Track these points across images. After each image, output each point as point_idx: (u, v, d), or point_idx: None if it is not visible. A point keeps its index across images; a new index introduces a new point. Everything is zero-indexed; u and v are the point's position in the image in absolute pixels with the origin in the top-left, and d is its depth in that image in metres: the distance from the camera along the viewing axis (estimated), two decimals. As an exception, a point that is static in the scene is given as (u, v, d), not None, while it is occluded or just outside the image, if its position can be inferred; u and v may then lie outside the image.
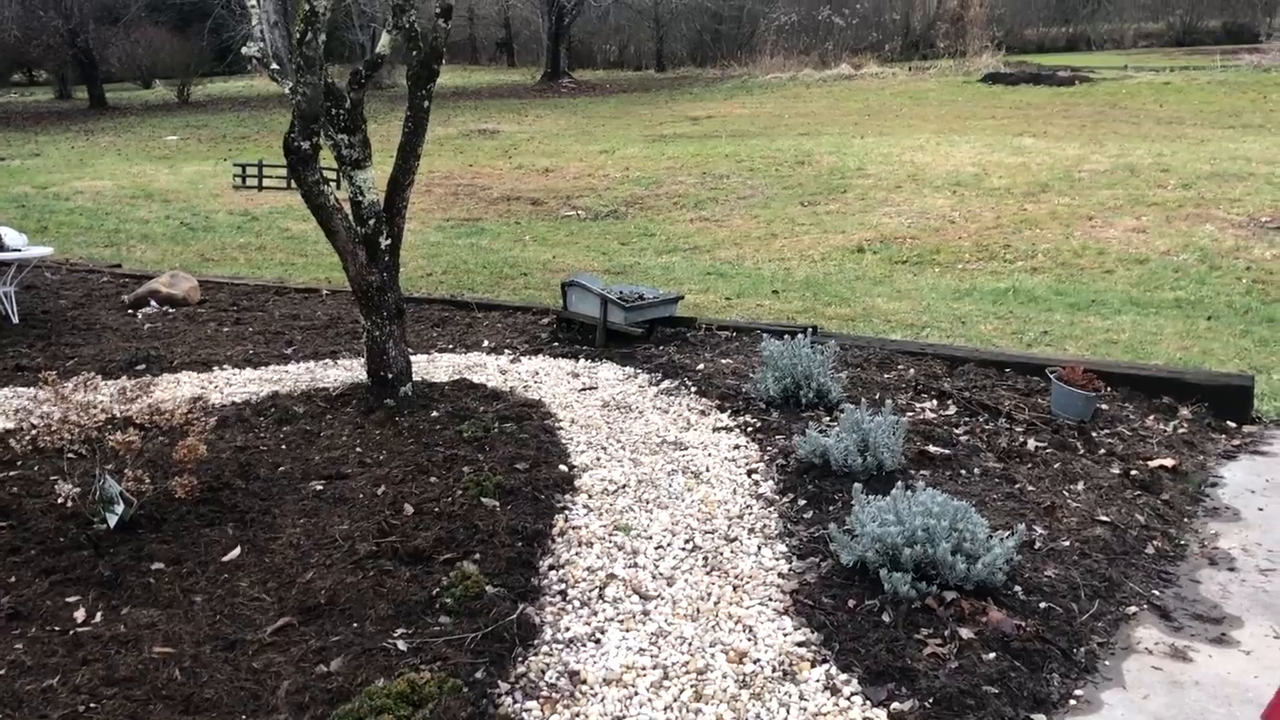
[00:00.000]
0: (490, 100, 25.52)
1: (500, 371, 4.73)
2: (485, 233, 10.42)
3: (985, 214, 10.09)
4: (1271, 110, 16.60)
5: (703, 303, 7.03)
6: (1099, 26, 33.58)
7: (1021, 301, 7.11)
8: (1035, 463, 3.62)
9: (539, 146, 16.83)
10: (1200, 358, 5.58)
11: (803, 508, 3.27)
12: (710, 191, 12.24)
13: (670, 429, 3.95)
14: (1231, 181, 10.78)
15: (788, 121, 18.66)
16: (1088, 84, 21.05)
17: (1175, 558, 3.06)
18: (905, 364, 4.75)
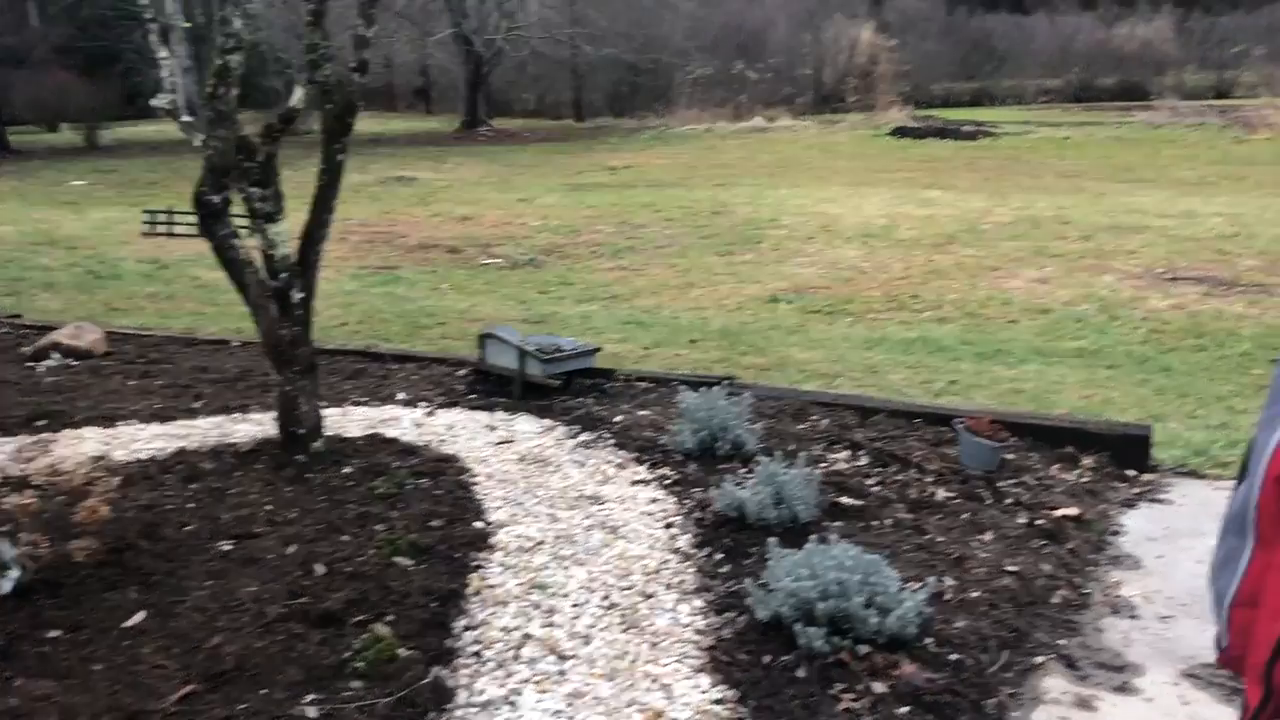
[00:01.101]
0: (408, 147, 25.44)
1: (415, 425, 4.68)
2: (402, 281, 10.35)
3: (895, 265, 10.33)
4: (1164, 166, 17.35)
5: (621, 352, 7.06)
6: (1002, 82, 34.81)
7: (930, 351, 7.28)
8: (945, 513, 3.69)
9: (457, 194, 16.82)
10: (1101, 406, 5.76)
11: (720, 562, 3.28)
12: (628, 240, 12.34)
13: (588, 483, 3.95)
14: (1128, 234, 11.22)
15: (704, 172, 18.95)
16: (991, 138, 21.77)
17: (1080, 606, 3.14)
18: (819, 414, 4.81)
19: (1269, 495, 1.30)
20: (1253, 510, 1.32)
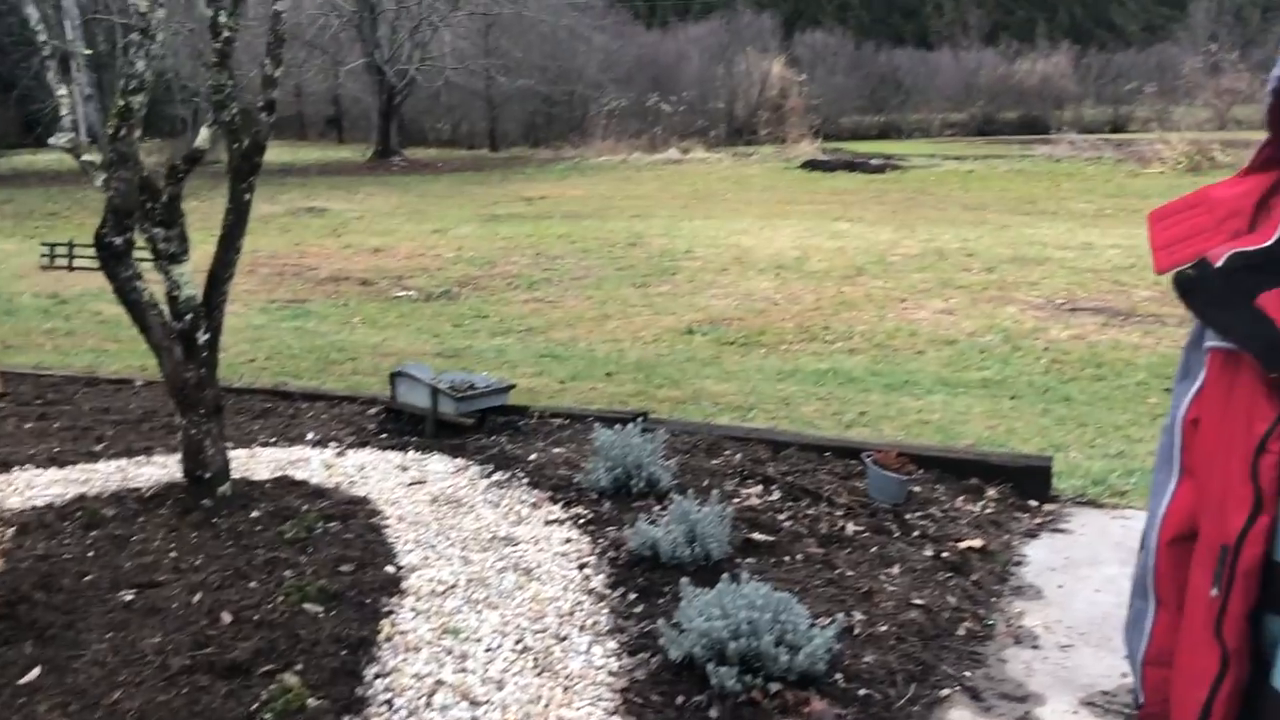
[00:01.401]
0: (319, 178, 25.13)
1: (325, 466, 4.62)
2: (312, 315, 10.21)
3: (806, 296, 10.51)
4: (1063, 198, 17.95)
5: (537, 386, 7.06)
6: (908, 116, 35.74)
7: (841, 382, 7.42)
8: (854, 547, 3.75)
9: (369, 225, 16.66)
10: (1005, 437, 5.93)
11: (633, 602, 3.29)
12: (544, 272, 12.35)
13: (502, 524, 3.93)
14: (1030, 265, 11.57)
15: (619, 203, 19.06)
16: (899, 171, 22.30)
17: (984, 638, 3.22)
18: (732, 449, 4.87)
19: (1164, 560, 1.36)
20: (1150, 575, 1.37)
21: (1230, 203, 1.27)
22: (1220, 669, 1.25)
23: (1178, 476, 1.35)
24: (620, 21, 35.33)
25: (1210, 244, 1.25)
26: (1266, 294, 1.19)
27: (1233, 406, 1.25)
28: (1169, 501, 1.35)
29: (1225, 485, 1.24)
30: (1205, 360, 1.30)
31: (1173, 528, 1.34)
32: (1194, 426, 1.33)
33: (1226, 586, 1.22)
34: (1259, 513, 1.20)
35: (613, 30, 33.23)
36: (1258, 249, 1.21)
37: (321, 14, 27.16)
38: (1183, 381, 1.36)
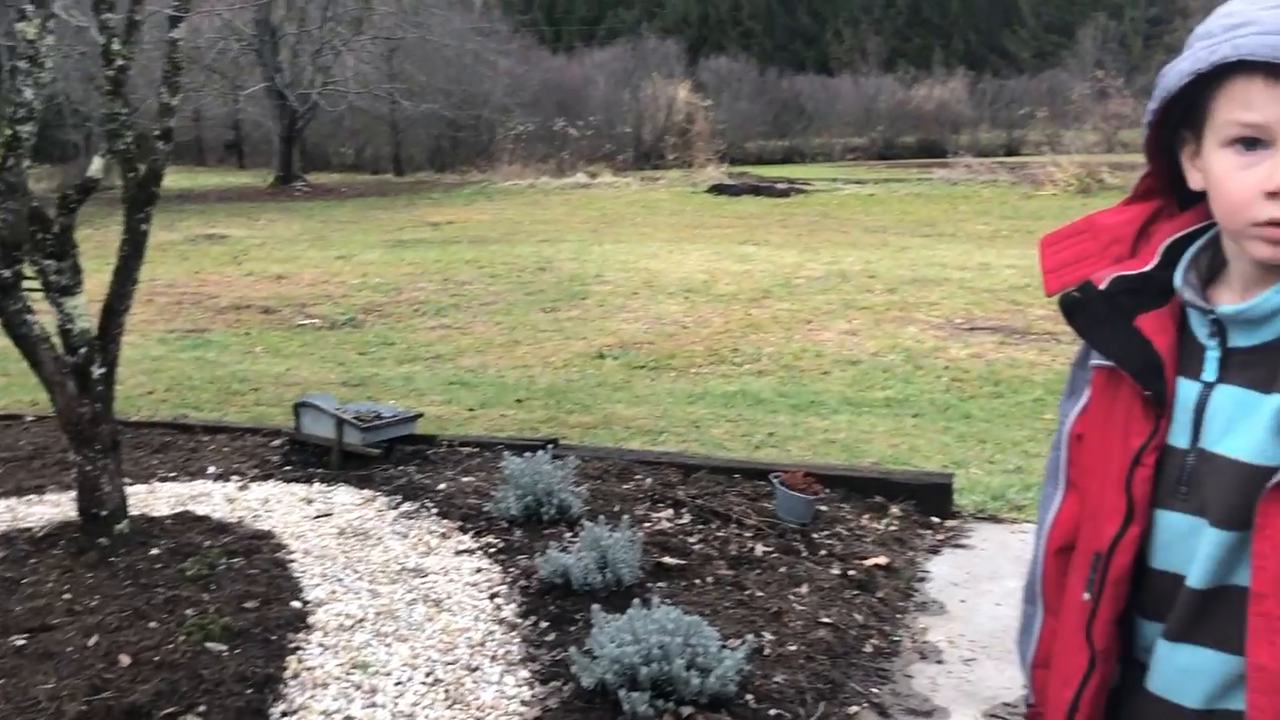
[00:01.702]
0: (219, 204, 24.61)
1: (228, 501, 4.52)
2: (212, 345, 9.97)
3: (715, 319, 10.62)
4: (961, 220, 18.46)
5: (446, 414, 6.99)
6: (811, 140, 36.45)
7: (749, 404, 7.50)
8: (764, 568, 3.80)
9: (271, 252, 16.35)
10: (908, 454, 6.06)
11: (545, 630, 3.29)
12: (452, 298, 12.26)
13: (410, 555, 3.89)
14: (930, 286, 11.87)
15: (528, 228, 19.03)
16: (803, 195, 22.71)
17: (891, 654, 3.29)
18: (643, 473, 4.89)
19: (1050, 568, 1.42)
20: (1038, 583, 1.44)
21: (1114, 229, 1.34)
22: (1088, 669, 1.31)
23: (1063, 489, 1.41)
24: (526, 46, 35.42)
25: (1095, 268, 1.32)
26: (1145, 316, 1.27)
27: (1112, 422, 1.31)
28: (1055, 513, 1.41)
29: (1102, 496, 1.30)
30: (1089, 378, 1.37)
31: (1058, 538, 1.41)
32: (1079, 441, 1.39)
33: (1098, 591, 1.29)
34: (1130, 523, 1.26)
35: (518, 55, 33.28)
36: (1138, 273, 1.29)
37: (220, 37, 26.67)
38: (1069, 399, 1.42)
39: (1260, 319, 1.21)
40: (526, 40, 36.44)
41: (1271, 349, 1.21)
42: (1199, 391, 1.24)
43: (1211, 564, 1.21)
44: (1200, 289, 1.27)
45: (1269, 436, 1.18)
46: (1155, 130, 1.28)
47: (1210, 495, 1.22)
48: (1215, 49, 1.15)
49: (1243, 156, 1.17)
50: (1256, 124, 1.15)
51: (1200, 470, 1.23)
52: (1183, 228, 1.31)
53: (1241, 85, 1.15)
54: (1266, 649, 1.16)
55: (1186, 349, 1.27)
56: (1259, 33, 1.12)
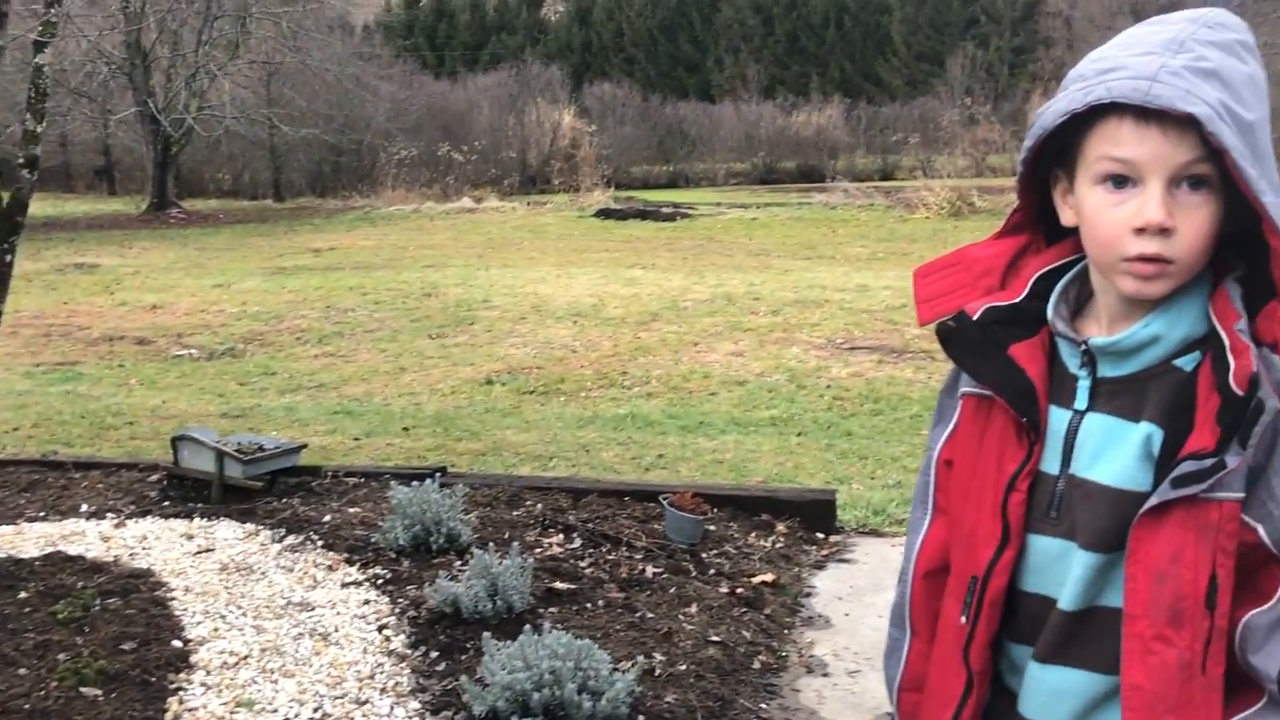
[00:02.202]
0: (89, 232, 23.73)
1: (103, 539, 4.36)
2: (84, 378, 9.61)
3: (604, 343, 10.68)
4: (840, 243, 18.94)
5: (330, 445, 6.88)
6: (695, 165, 36.92)
7: (639, 427, 7.57)
8: (654, 589, 3.85)
9: (146, 281, 15.84)
10: (793, 472, 6.19)
11: (435, 660, 3.27)
12: (335, 326, 12.05)
13: (296, 589, 3.82)
14: (811, 308, 12.14)
15: (413, 253, 18.84)
16: (688, 219, 23.00)
17: (778, 669, 3.36)
18: (533, 499, 4.89)
19: (918, 593, 1.46)
20: (906, 606, 1.48)
21: (985, 261, 1.40)
22: (965, 691, 1.35)
23: (931, 514, 1.46)
24: (408, 70, 35.10)
25: (967, 298, 1.37)
26: (1017, 345, 1.32)
27: (985, 448, 1.36)
28: (923, 538, 1.46)
29: (977, 520, 1.34)
30: (958, 405, 1.42)
31: (926, 562, 1.45)
32: (947, 467, 1.44)
33: (974, 615, 1.33)
34: (1005, 546, 1.31)
35: (401, 79, 32.96)
36: (1008, 304, 1.35)
37: (88, 60, 25.77)
38: (938, 425, 1.47)
39: (1128, 351, 1.28)
40: (409, 65, 36.12)
41: (1138, 379, 1.28)
42: (1070, 419, 1.30)
43: (1081, 586, 1.26)
44: (1070, 320, 1.34)
45: (1137, 463, 1.24)
46: (1028, 167, 1.34)
47: (1080, 519, 1.27)
48: (1090, 90, 1.21)
49: (1113, 194, 1.23)
50: (1125, 160, 1.21)
51: (1070, 495, 1.29)
52: (1051, 261, 1.38)
53: (1112, 126, 1.21)
54: (1140, 669, 1.20)
55: (1057, 378, 1.32)
56: (1130, 77, 1.18)
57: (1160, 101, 1.16)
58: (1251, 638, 1.22)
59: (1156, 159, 1.19)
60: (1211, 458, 1.19)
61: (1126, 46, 1.24)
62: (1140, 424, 1.26)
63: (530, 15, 49.21)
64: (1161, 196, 1.20)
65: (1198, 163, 1.19)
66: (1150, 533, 1.20)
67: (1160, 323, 1.26)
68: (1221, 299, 1.25)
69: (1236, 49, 1.22)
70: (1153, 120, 1.18)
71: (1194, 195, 1.21)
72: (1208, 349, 1.25)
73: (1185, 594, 1.20)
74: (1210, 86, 1.17)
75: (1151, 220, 1.19)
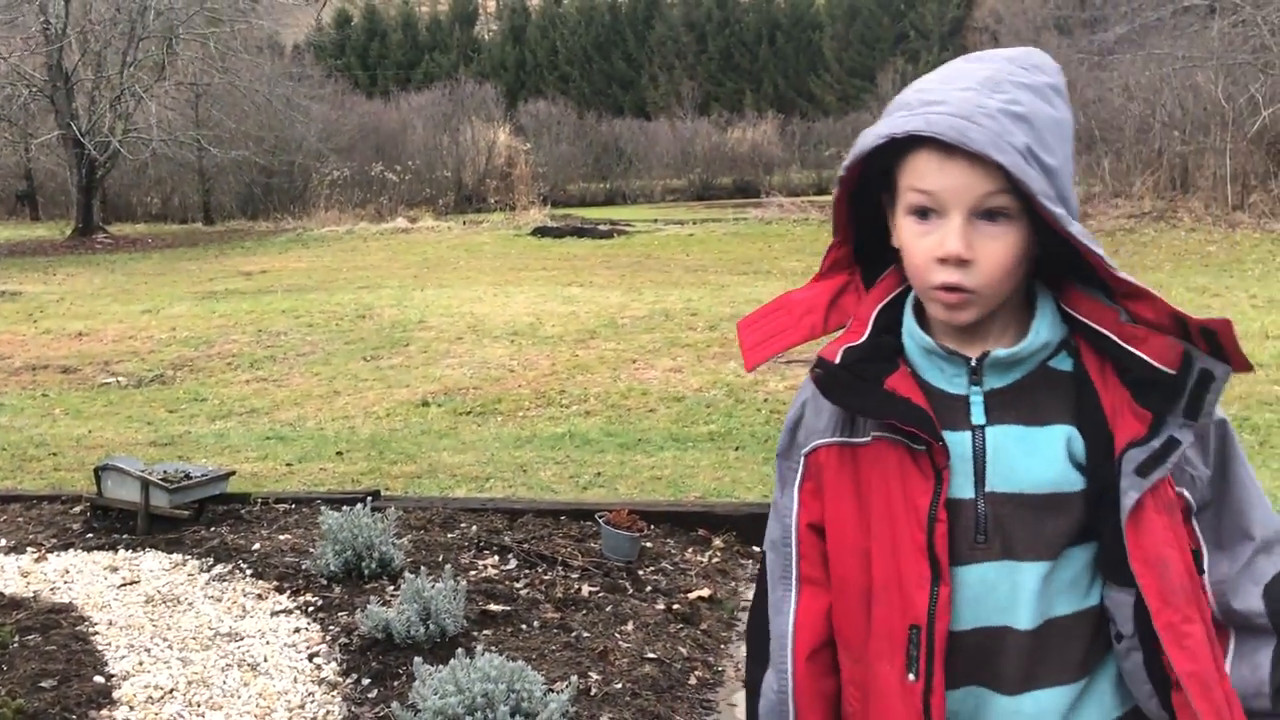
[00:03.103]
0: (10, 259, 23.13)
1: (22, 574, 4.24)
2: (5, 409, 9.35)
3: (542, 361, 10.64)
4: (776, 258, 19.09)
5: (261, 471, 6.76)
6: (632, 182, 37.01)
7: (577, 445, 7.54)
8: (590, 608, 3.83)
9: (70, 308, 15.47)
10: (731, 486, 6.21)
11: (367, 687, 3.22)
12: (267, 350, 11.87)
13: (224, 619, 3.74)
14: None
15: (347, 275, 18.64)
16: (625, 236, 23.05)
17: (715, 684, 3.35)
18: (468, 521, 4.85)
19: (804, 677, 1.37)
20: (790, 700, 1.37)
21: (805, 302, 1.40)
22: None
23: (797, 588, 1.38)
24: (340, 90, 34.76)
25: (791, 339, 1.38)
26: (890, 378, 1.31)
27: (872, 493, 1.31)
28: (794, 617, 1.37)
29: (894, 567, 1.28)
30: (803, 464, 1.38)
31: (807, 642, 1.36)
32: (812, 531, 1.37)
33: (926, 666, 1.25)
34: (939, 583, 1.25)
35: (332, 100, 32.64)
36: (860, 343, 1.35)
37: (8, 83, 25.19)
38: (784, 493, 1.41)
39: (1017, 360, 1.29)
40: (340, 85, 35.78)
41: (1026, 385, 1.29)
42: (971, 438, 1.28)
43: (1035, 601, 1.25)
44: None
45: (1063, 464, 1.26)
46: (846, 188, 1.35)
47: (1017, 534, 1.25)
48: (909, 120, 1.23)
49: (919, 225, 1.27)
50: (928, 193, 1.24)
51: (996, 514, 1.26)
52: (884, 296, 1.39)
53: (921, 159, 1.24)
54: (1184, 656, 1.21)
55: (935, 403, 1.30)
56: (948, 113, 1.21)
57: (973, 145, 1.18)
58: (1223, 588, 1.28)
59: (957, 192, 1.23)
60: (1154, 439, 1.22)
61: (948, 80, 1.27)
62: (1051, 427, 1.27)
63: (464, 34, 49.06)
64: (960, 228, 1.23)
65: (997, 194, 1.22)
66: (1138, 529, 1.22)
67: (1044, 328, 1.30)
68: (1084, 302, 1.29)
69: (1047, 93, 1.25)
70: (958, 156, 1.21)
71: (993, 226, 1.23)
72: (1076, 348, 1.29)
73: (1183, 570, 1.23)
74: (1020, 131, 1.20)
75: (950, 252, 1.23)
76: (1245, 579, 1.28)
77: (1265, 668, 1.27)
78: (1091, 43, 24.10)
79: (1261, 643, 1.28)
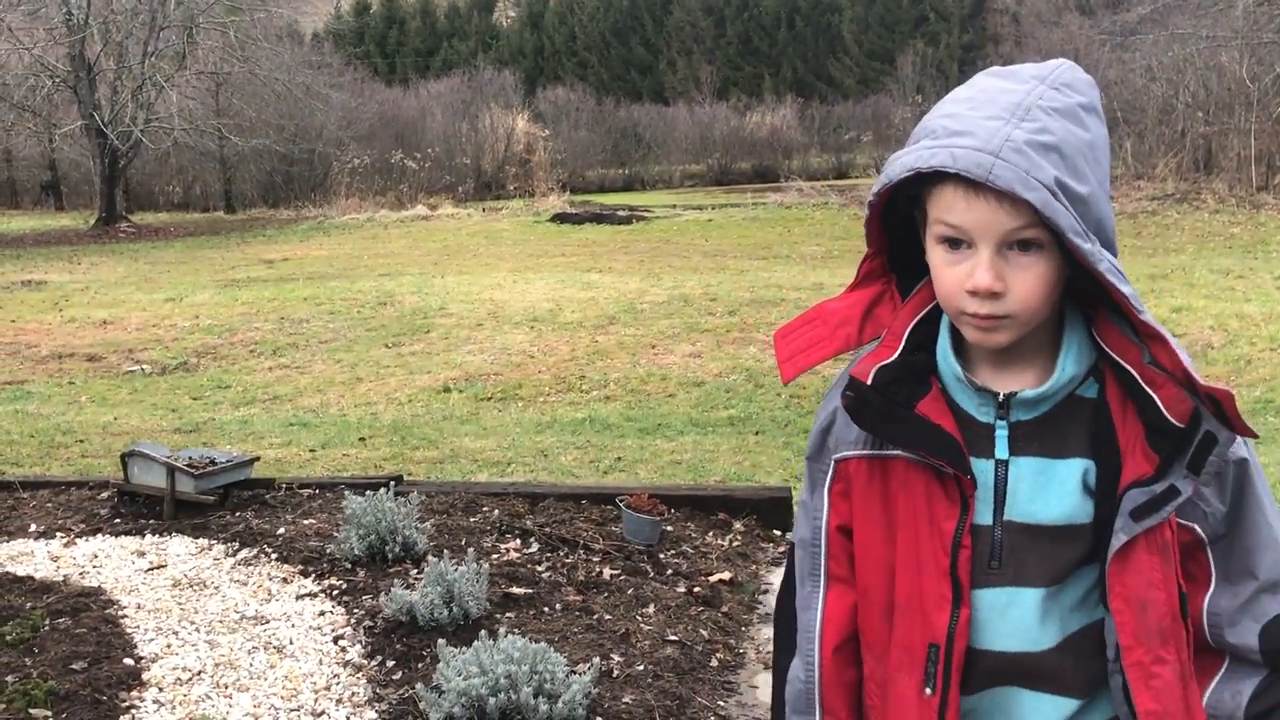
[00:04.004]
0: (36, 248, 23.36)
1: (52, 559, 4.30)
2: (32, 396, 9.46)
3: (561, 347, 10.67)
4: (795, 243, 19.04)
5: (285, 457, 6.82)
6: (650, 168, 36.96)
7: (598, 430, 7.57)
8: (611, 591, 3.85)
9: (95, 297, 15.61)
10: (751, 471, 6.23)
11: (391, 669, 3.25)
12: (289, 337, 11.94)
13: (250, 602, 3.79)
14: (768, 307, 12.19)
15: (367, 262, 18.72)
16: (644, 222, 23.03)
17: (736, 667, 3.37)
18: (490, 505, 4.88)
19: (830, 670, 1.41)
20: (817, 689, 1.41)
21: (840, 313, 1.40)
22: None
23: (825, 585, 1.41)
24: (359, 78, 34.85)
25: (827, 351, 1.37)
26: (922, 403, 1.31)
27: (899, 510, 1.34)
28: (823, 611, 1.41)
29: (916, 585, 1.31)
30: (832, 469, 1.40)
31: (834, 636, 1.41)
32: (841, 534, 1.40)
33: (944, 683, 1.29)
34: (960, 605, 1.29)
35: (351, 87, 32.71)
36: (892, 361, 1.34)
37: (31, 74, 25.37)
38: (814, 495, 1.44)
39: (1047, 397, 1.30)
40: (360, 73, 35.86)
41: (1052, 418, 1.30)
42: (994, 468, 1.30)
43: (1048, 621, 1.29)
44: (963, 371, 1.33)
45: (1077, 498, 1.28)
46: (877, 211, 1.34)
47: (1028, 562, 1.29)
48: (935, 153, 1.22)
49: (949, 254, 1.27)
50: (957, 227, 1.24)
51: (1012, 542, 1.29)
52: (918, 310, 1.38)
53: (948, 192, 1.24)
54: (1148, 694, 1.25)
55: (964, 427, 1.31)
56: (973, 147, 1.19)
57: (1000, 183, 1.17)
58: (1220, 621, 1.31)
59: (986, 227, 1.22)
60: (1156, 483, 1.23)
61: (976, 105, 1.25)
62: (1070, 460, 1.29)
63: (482, 21, 49.05)
64: (990, 261, 1.23)
65: (1027, 228, 1.21)
66: (1122, 568, 1.25)
67: (1070, 362, 1.30)
68: (1111, 332, 1.29)
69: (1079, 114, 1.24)
70: (984, 190, 1.20)
71: (1025, 257, 1.23)
72: (1103, 375, 1.30)
73: (1164, 613, 1.25)
74: (1048, 163, 1.18)
75: (980, 286, 1.23)
76: (1245, 615, 1.30)
77: (1245, 696, 1.31)
78: (1114, 23, 23.85)
79: (1250, 674, 1.32)
